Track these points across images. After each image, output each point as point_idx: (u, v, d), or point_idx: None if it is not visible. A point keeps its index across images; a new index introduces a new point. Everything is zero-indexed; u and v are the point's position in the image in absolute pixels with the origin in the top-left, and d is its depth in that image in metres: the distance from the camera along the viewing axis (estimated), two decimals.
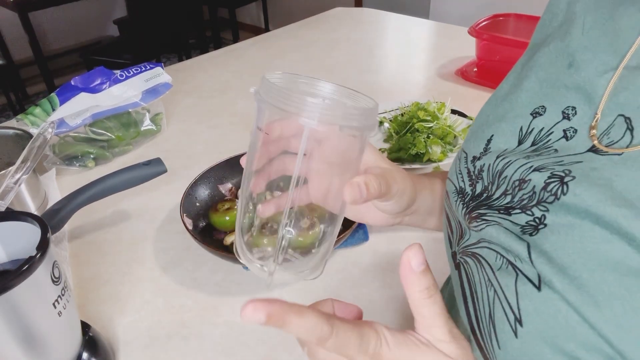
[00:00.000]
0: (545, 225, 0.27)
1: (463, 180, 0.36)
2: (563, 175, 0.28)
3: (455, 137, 0.85)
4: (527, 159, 0.31)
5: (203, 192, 0.71)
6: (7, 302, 0.37)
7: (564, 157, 0.29)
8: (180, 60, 2.90)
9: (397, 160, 0.82)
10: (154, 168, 0.65)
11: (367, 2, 3.53)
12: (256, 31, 3.92)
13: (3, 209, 0.51)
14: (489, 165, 0.34)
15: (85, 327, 0.50)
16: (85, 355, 0.47)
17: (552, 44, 0.35)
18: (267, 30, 3.98)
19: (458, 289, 0.34)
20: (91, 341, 0.49)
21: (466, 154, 0.38)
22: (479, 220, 0.33)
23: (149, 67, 0.93)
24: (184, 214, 0.65)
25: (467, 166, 0.37)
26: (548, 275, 0.26)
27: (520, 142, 0.33)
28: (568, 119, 0.31)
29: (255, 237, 0.38)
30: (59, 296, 0.41)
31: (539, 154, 0.31)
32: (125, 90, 0.89)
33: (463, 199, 0.36)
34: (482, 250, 0.32)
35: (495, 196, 0.32)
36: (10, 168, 0.58)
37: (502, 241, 0.30)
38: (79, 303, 0.59)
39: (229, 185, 0.73)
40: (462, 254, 0.34)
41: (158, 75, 0.94)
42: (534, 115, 0.33)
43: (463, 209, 0.35)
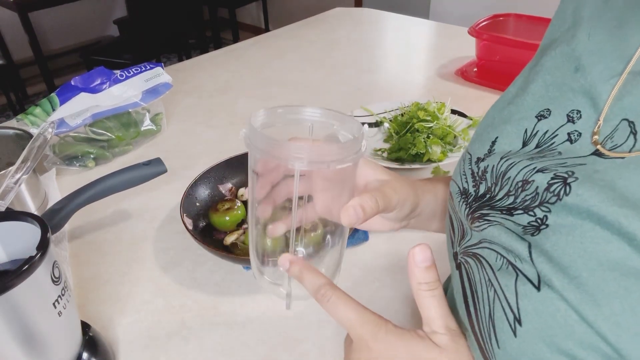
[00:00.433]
0: (547, 226, 0.27)
1: (467, 181, 0.37)
2: (566, 176, 0.28)
3: (455, 137, 0.85)
4: (531, 160, 0.31)
5: (203, 192, 0.71)
6: (7, 302, 0.37)
7: (567, 160, 0.29)
8: (180, 60, 2.91)
9: (397, 160, 0.82)
10: (154, 168, 0.65)
11: (367, 2, 3.53)
12: (256, 31, 3.92)
13: (3, 209, 0.51)
14: (493, 166, 0.34)
15: (85, 327, 0.50)
16: (85, 355, 0.47)
17: (559, 48, 0.35)
18: (267, 30, 3.98)
19: (459, 289, 0.34)
20: (91, 341, 0.49)
21: (470, 155, 0.38)
22: (481, 221, 0.33)
23: (149, 67, 0.93)
24: (184, 214, 0.65)
25: (471, 167, 0.37)
26: (548, 275, 0.26)
27: (524, 144, 0.33)
28: (573, 122, 0.31)
29: (268, 259, 0.40)
30: (59, 296, 0.41)
31: (542, 156, 0.31)
32: (125, 90, 0.89)
33: (466, 199, 0.36)
34: (482, 251, 0.32)
35: (498, 197, 0.32)
36: (10, 168, 0.58)
37: (503, 241, 0.30)
38: (79, 303, 0.59)
39: (229, 185, 0.73)
40: (463, 254, 0.34)
41: (158, 75, 0.94)
42: (539, 117, 0.34)
43: (466, 209, 0.35)
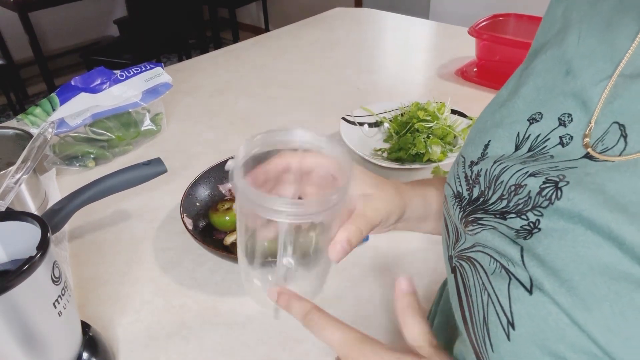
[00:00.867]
0: (540, 230, 0.27)
1: (460, 185, 0.37)
2: (557, 180, 0.28)
3: (455, 137, 0.85)
4: (524, 164, 0.31)
5: (203, 192, 0.71)
6: (7, 302, 0.37)
7: (559, 163, 0.30)
8: (180, 60, 2.90)
9: (397, 160, 0.82)
10: (154, 168, 0.65)
11: (367, 2, 3.53)
12: (256, 31, 3.92)
13: (3, 209, 0.51)
14: (486, 170, 0.34)
15: (85, 327, 0.50)
16: (85, 355, 0.47)
17: (549, 51, 0.36)
18: (267, 30, 3.98)
19: (454, 293, 0.34)
20: (91, 341, 0.49)
21: (464, 158, 0.38)
22: (474, 224, 0.33)
23: (149, 67, 0.93)
24: (184, 214, 0.65)
25: (464, 171, 0.37)
26: (540, 279, 0.26)
27: (517, 148, 0.34)
28: (564, 125, 0.31)
29: (258, 271, 0.40)
30: (59, 296, 0.41)
31: (535, 160, 0.31)
32: (125, 90, 0.89)
33: (460, 203, 0.36)
34: (476, 255, 0.32)
35: (491, 201, 0.32)
36: (10, 168, 0.58)
37: (497, 245, 0.30)
38: (79, 303, 0.59)
39: (229, 185, 0.73)
40: (458, 258, 0.35)
41: (158, 75, 0.94)
42: (531, 121, 0.34)
43: (460, 213, 0.36)
